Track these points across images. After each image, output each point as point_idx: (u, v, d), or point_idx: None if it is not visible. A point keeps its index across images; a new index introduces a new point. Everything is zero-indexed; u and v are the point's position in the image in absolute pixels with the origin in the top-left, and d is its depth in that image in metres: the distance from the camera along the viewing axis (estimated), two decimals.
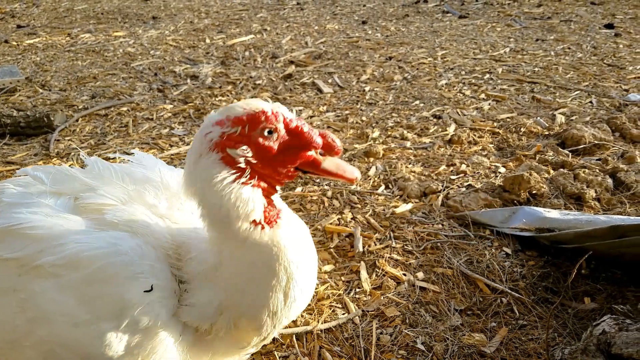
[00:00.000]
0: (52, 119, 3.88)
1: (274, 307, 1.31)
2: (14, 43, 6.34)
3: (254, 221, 1.24)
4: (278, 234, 1.28)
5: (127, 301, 1.22)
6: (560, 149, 3.31)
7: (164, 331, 1.26)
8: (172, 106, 4.31)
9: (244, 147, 1.20)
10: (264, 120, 1.20)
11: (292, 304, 1.35)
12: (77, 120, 4.08)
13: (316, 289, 2.17)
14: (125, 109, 4.28)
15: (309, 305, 2.09)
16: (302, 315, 2.03)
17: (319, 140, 1.26)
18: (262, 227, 1.25)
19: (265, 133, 1.22)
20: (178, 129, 3.89)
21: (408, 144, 3.52)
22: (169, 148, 3.58)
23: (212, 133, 1.20)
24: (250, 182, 1.22)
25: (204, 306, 1.31)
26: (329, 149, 1.28)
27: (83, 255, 1.23)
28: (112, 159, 3.41)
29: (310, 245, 1.45)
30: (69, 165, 3.36)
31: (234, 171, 1.20)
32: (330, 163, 1.28)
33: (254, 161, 1.21)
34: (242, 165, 1.20)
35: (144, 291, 1.23)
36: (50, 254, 1.24)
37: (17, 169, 3.32)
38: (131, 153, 1.64)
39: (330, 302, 2.10)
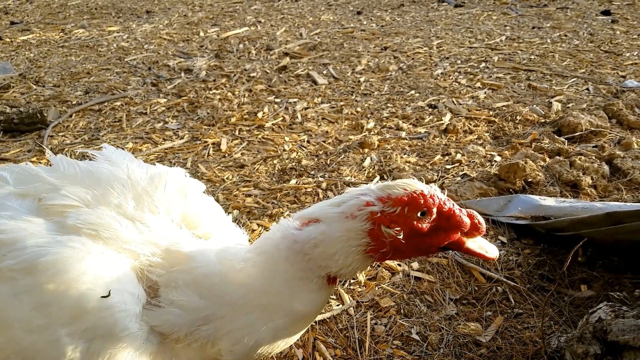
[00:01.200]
0: (45, 115, 3.86)
1: (268, 347, 1.31)
2: (8, 39, 6.29)
3: (330, 278, 1.27)
4: (327, 295, 1.32)
5: (83, 307, 1.17)
6: (556, 136, 3.29)
7: (124, 337, 1.21)
8: (166, 100, 4.29)
9: (398, 228, 1.19)
10: (423, 204, 1.20)
11: (278, 347, 1.36)
12: (70, 116, 4.05)
13: None
14: (119, 103, 4.25)
15: None
16: None
17: (467, 222, 1.25)
18: (329, 283, 1.29)
19: (419, 214, 1.21)
20: (172, 122, 3.87)
21: (403, 134, 3.50)
22: (163, 142, 3.55)
23: (374, 207, 1.20)
24: (376, 256, 1.24)
25: (189, 312, 1.25)
26: (474, 230, 1.27)
27: (40, 260, 1.19)
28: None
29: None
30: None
31: (373, 245, 1.21)
32: (473, 243, 1.28)
33: (403, 240, 1.20)
34: (386, 242, 1.20)
35: (101, 297, 1.18)
36: (11, 258, 1.20)
37: None
38: (101, 147, 1.56)
39: None
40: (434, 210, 1.22)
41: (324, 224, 1.22)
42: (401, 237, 1.19)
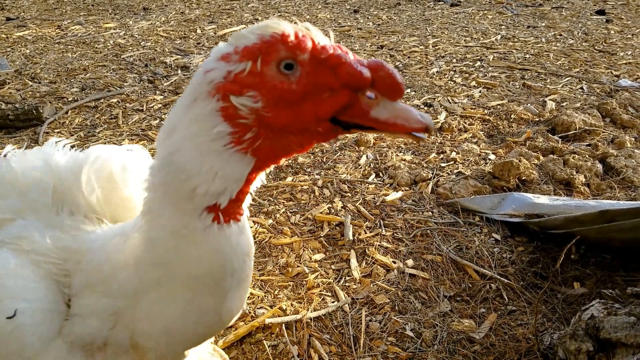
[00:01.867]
0: (41, 111, 3.85)
1: (188, 335, 1.07)
2: (3, 36, 6.27)
3: (216, 206, 0.91)
4: (220, 240, 0.95)
5: None
6: (550, 135, 3.31)
7: (38, 358, 1.05)
8: (162, 97, 4.28)
9: (252, 92, 0.82)
10: (284, 49, 0.81)
11: (208, 333, 1.13)
12: (66, 113, 4.04)
13: (306, 277, 2.17)
14: (115, 100, 4.25)
15: (299, 294, 2.10)
16: (291, 304, 2.03)
17: (366, 74, 0.82)
18: (219, 221, 0.93)
19: (283, 68, 0.82)
20: None
21: None
22: None
23: (214, 71, 0.84)
24: (249, 149, 0.86)
25: (96, 315, 1.06)
26: (385, 88, 0.83)
27: None
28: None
29: (250, 269, 1.13)
30: None
31: (234, 130, 0.84)
32: (383, 110, 0.82)
33: (268, 113, 0.82)
34: (248, 121, 0.83)
35: (7, 317, 1.03)
36: None
37: None
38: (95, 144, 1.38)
39: (320, 291, 2.10)
40: (305, 57, 0.81)
41: (177, 129, 0.87)
42: (260, 105, 0.82)
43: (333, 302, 2.05)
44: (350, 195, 2.81)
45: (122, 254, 1.02)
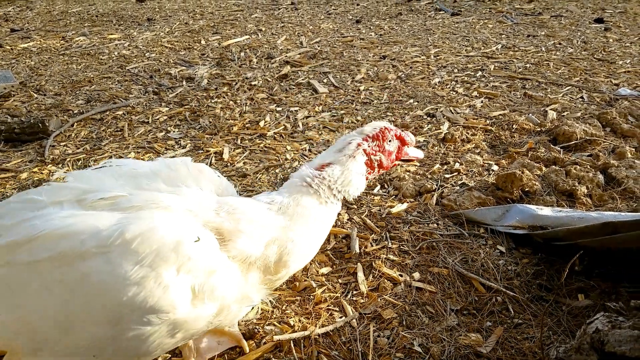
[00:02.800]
0: (47, 124, 3.89)
1: (307, 253, 1.74)
2: (8, 47, 6.33)
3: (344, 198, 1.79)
4: (336, 212, 1.80)
5: (181, 252, 1.38)
6: (552, 145, 3.35)
7: (219, 268, 1.47)
8: (167, 109, 4.33)
9: (380, 154, 1.82)
10: (388, 135, 1.83)
11: (313, 254, 1.79)
12: (72, 125, 4.09)
13: (313, 292, 2.21)
14: (120, 112, 4.30)
15: (307, 309, 2.13)
16: (299, 320, 2.06)
17: (410, 139, 1.93)
18: (343, 204, 1.85)
19: (389, 142, 1.84)
20: (174, 132, 3.91)
21: None
22: (165, 152, 3.59)
23: (364, 145, 1.79)
24: (370, 177, 1.84)
25: (259, 240, 1.59)
26: (410, 144, 1.95)
27: (128, 232, 1.37)
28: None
29: None
30: (65, 171, 3.38)
31: (369, 169, 1.81)
32: (412, 151, 1.96)
33: (382, 161, 1.83)
34: (375, 165, 1.82)
35: (194, 241, 1.43)
36: (93, 240, 1.35)
37: (12, 176, 3.34)
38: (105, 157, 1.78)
39: (328, 306, 2.13)
40: (394, 136, 1.86)
41: (338, 165, 1.75)
42: (383, 159, 1.83)
43: (341, 317, 2.08)
44: (356, 207, 2.85)
45: (287, 209, 1.67)
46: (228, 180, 1.97)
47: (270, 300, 2.15)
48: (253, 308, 2.13)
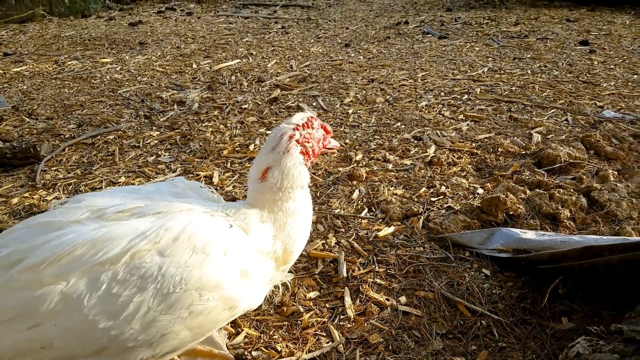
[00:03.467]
0: (38, 149, 3.92)
1: (304, 237, 1.94)
2: (1, 71, 6.37)
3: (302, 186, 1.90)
4: (307, 194, 1.95)
5: (223, 237, 1.63)
6: (536, 168, 3.42)
7: (255, 254, 1.73)
8: (158, 133, 4.37)
9: (311, 141, 1.89)
10: (314, 122, 1.92)
11: (307, 238, 1.99)
12: (63, 150, 4.11)
13: (301, 317, 2.23)
14: (111, 137, 4.33)
15: (294, 334, 2.15)
16: (286, 345, 2.08)
17: (329, 129, 2.03)
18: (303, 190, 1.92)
19: (315, 128, 1.92)
20: (164, 156, 3.95)
21: (390, 166, 3.61)
22: (155, 176, 3.62)
23: (296, 135, 1.84)
24: (308, 163, 1.90)
25: (266, 235, 1.81)
26: (329, 133, 2.06)
27: (172, 228, 1.56)
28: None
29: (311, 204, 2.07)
30: (55, 197, 3.40)
31: (305, 157, 1.86)
32: (332, 141, 2.08)
33: (314, 148, 1.91)
34: (309, 152, 1.89)
35: (229, 228, 1.68)
36: (141, 240, 1.51)
37: (4, 201, 3.35)
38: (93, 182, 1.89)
39: (315, 330, 2.15)
40: (319, 124, 1.96)
41: (276, 167, 1.82)
42: (314, 145, 1.91)
43: (328, 342, 2.10)
44: (343, 230, 2.88)
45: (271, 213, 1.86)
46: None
47: (288, 282, 2.21)
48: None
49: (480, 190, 3.21)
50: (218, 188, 3.41)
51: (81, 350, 1.45)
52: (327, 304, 2.32)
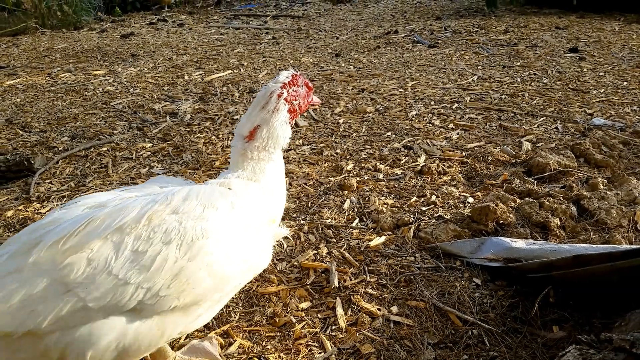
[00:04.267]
0: (32, 162, 3.92)
1: (284, 194, 2.10)
2: None
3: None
4: (280, 154, 2.08)
5: (229, 196, 1.82)
6: (526, 177, 3.45)
7: (255, 207, 1.90)
8: (151, 144, 4.38)
9: (298, 98, 1.97)
10: (300, 79, 2.01)
11: (285, 196, 2.14)
12: (57, 163, 4.12)
13: (293, 327, 2.24)
14: (105, 149, 4.34)
15: (286, 344, 2.16)
16: (279, 356, 2.08)
17: (311, 85, 2.11)
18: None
19: (300, 85, 2.00)
20: (157, 167, 3.96)
21: (381, 175, 3.63)
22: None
23: (284, 93, 1.92)
24: (292, 122, 1.99)
25: (257, 194, 1.94)
26: (311, 89, 2.13)
27: (193, 190, 1.77)
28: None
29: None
30: (50, 209, 3.40)
31: (290, 116, 1.96)
32: (314, 98, 2.19)
33: (300, 105, 2.00)
34: (296, 109, 1.98)
35: (228, 189, 1.89)
36: (157, 204, 1.65)
37: None
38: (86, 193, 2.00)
39: (307, 341, 2.16)
40: (303, 81, 2.04)
41: (265, 125, 1.91)
42: (300, 102, 2.00)
43: (320, 352, 2.10)
44: (335, 240, 2.90)
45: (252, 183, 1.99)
46: None
47: (288, 236, 2.46)
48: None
49: (471, 199, 3.24)
50: None
51: (116, 309, 1.52)
52: (319, 315, 2.33)
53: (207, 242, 1.63)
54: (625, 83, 5.56)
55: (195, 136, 4.51)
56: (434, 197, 3.27)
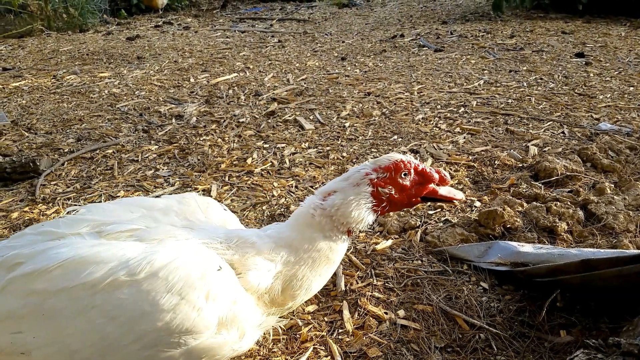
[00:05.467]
0: (38, 163, 3.93)
1: (317, 286, 1.82)
2: (0, 86, 6.40)
3: (351, 231, 1.77)
4: (347, 244, 1.83)
5: (207, 280, 1.51)
6: (533, 181, 3.43)
7: (241, 297, 1.61)
8: (157, 147, 4.39)
9: (390, 187, 1.74)
10: (403, 167, 1.75)
11: (320, 287, 1.86)
12: (62, 164, 4.13)
13: (300, 330, 2.23)
14: (110, 151, 4.35)
15: (293, 348, 2.15)
16: (285, 359, 2.08)
17: (436, 176, 1.80)
18: (349, 236, 1.80)
19: (402, 175, 1.75)
20: (163, 170, 3.96)
21: None
22: (154, 190, 3.63)
23: (372, 175, 1.74)
24: (380, 211, 1.77)
25: (266, 273, 1.70)
26: (442, 181, 1.83)
27: (156, 261, 1.49)
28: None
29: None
30: (55, 211, 3.40)
31: (376, 202, 1.74)
32: (444, 190, 1.84)
33: (395, 195, 1.75)
34: (384, 199, 1.75)
35: (217, 270, 1.57)
36: (122, 269, 1.47)
37: (4, 215, 3.35)
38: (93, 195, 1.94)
39: (314, 345, 2.15)
40: (412, 170, 1.77)
41: (340, 193, 1.72)
42: (393, 192, 1.75)
43: (327, 356, 2.10)
44: None
45: (291, 242, 1.74)
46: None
47: (280, 327, 2.15)
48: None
49: (478, 203, 3.23)
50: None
51: None
52: (325, 318, 2.33)
53: (151, 334, 1.46)
54: (631, 88, 5.54)
55: (201, 139, 4.52)
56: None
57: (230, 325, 1.56)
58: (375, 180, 1.73)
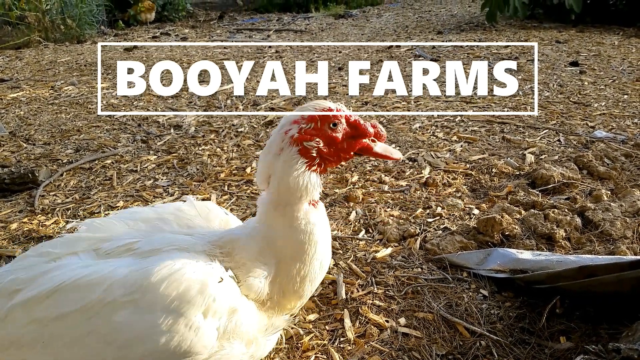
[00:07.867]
0: (36, 174, 3.93)
1: (313, 274, 1.67)
2: None
3: (311, 202, 1.60)
4: (317, 214, 1.64)
5: (208, 293, 1.45)
6: (530, 189, 3.46)
7: (241, 307, 1.54)
8: (156, 157, 4.40)
9: (317, 139, 1.52)
10: (332, 117, 1.54)
11: (322, 271, 1.72)
12: (61, 175, 4.13)
13: (301, 339, 2.23)
14: (109, 161, 4.35)
15: (294, 357, 2.15)
16: None
17: (371, 130, 1.61)
18: (314, 207, 1.63)
19: (332, 126, 1.54)
20: (162, 179, 3.97)
21: (386, 187, 3.65)
22: (153, 200, 3.64)
23: (291, 130, 1.53)
24: (318, 169, 1.57)
25: (260, 278, 1.62)
26: (377, 137, 1.64)
27: (152, 276, 1.44)
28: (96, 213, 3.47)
29: (327, 225, 1.76)
30: (54, 222, 3.41)
31: (307, 160, 1.52)
32: (380, 147, 1.64)
33: (324, 149, 1.54)
34: (314, 154, 1.53)
35: (218, 282, 1.50)
36: (118, 289, 1.43)
37: (2, 226, 3.35)
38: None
39: (315, 353, 2.16)
40: (343, 121, 1.56)
41: (273, 176, 1.56)
42: (322, 146, 1.53)
43: None
44: (341, 252, 2.90)
45: (269, 240, 1.63)
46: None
47: (283, 334, 2.13)
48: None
49: (476, 211, 3.25)
50: None
51: None
52: (326, 326, 2.33)
53: (151, 356, 1.43)
54: (625, 96, 5.60)
55: (200, 148, 4.53)
56: (439, 208, 3.28)
57: (233, 337, 1.51)
58: (297, 135, 1.51)
